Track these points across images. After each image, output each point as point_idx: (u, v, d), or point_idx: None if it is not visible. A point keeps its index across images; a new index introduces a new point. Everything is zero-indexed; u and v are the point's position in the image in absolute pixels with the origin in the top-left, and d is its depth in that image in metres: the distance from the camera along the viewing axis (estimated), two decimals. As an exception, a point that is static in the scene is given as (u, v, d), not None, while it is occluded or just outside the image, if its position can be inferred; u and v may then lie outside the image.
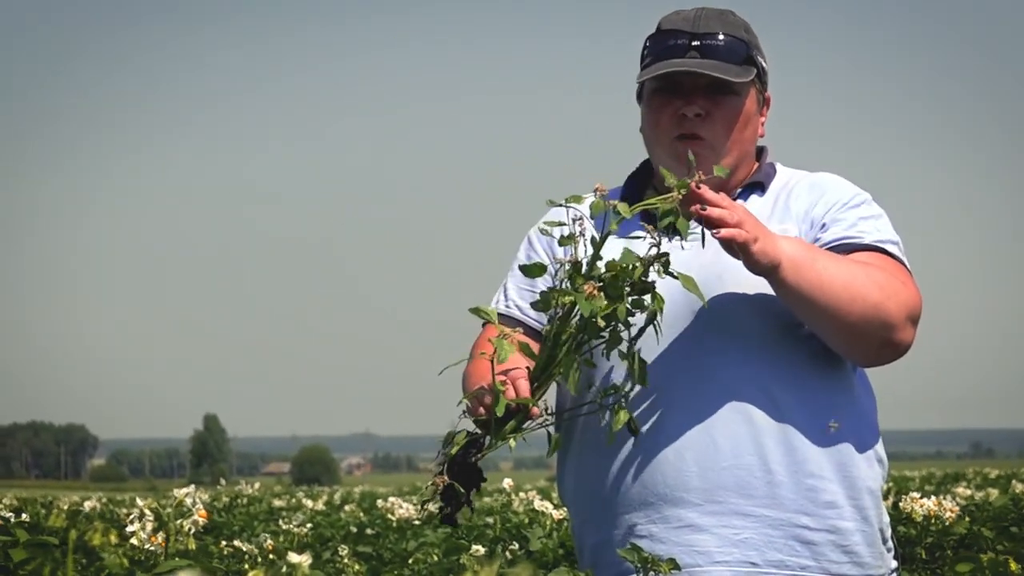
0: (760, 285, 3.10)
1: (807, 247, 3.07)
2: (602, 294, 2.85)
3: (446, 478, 2.97)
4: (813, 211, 3.25)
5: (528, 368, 2.98)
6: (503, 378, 2.92)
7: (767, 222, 3.23)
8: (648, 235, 2.86)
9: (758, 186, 3.33)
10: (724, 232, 2.88)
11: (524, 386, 2.94)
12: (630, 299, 2.88)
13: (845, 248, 3.17)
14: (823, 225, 3.23)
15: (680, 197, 2.87)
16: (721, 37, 3.24)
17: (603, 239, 2.88)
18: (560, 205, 2.94)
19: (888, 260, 3.18)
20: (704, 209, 2.86)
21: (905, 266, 3.21)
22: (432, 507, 3.05)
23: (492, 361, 2.89)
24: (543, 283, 3.19)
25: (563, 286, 2.91)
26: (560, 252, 2.94)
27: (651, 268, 2.87)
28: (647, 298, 2.89)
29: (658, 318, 2.90)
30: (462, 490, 2.97)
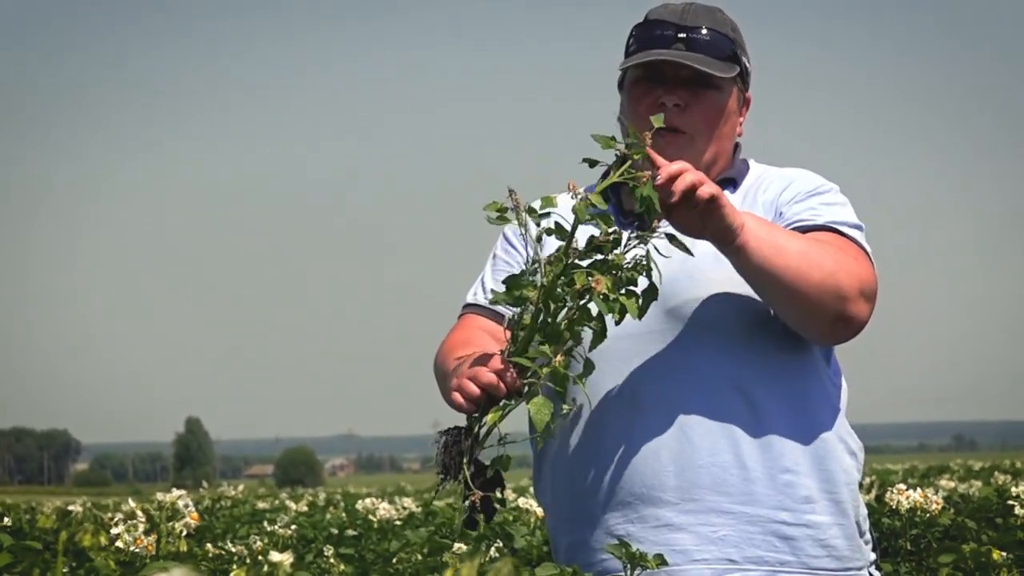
0: (729, 283, 3.11)
1: (762, 219, 3.08)
2: (606, 280, 2.82)
3: (479, 492, 2.93)
4: (778, 200, 3.26)
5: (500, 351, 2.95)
6: (492, 379, 2.90)
7: None
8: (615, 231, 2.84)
9: (730, 182, 3.34)
10: (700, 189, 2.84)
11: (511, 376, 2.90)
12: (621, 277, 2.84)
13: (800, 229, 3.17)
14: (782, 213, 3.23)
15: (645, 149, 2.82)
16: (707, 32, 3.25)
17: (574, 229, 2.84)
18: (538, 213, 2.91)
19: (841, 239, 3.17)
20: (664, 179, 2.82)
21: (861, 247, 3.19)
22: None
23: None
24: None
25: (540, 280, 2.86)
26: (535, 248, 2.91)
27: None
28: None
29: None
30: (497, 495, 2.95)
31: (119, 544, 3.33)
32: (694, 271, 3.15)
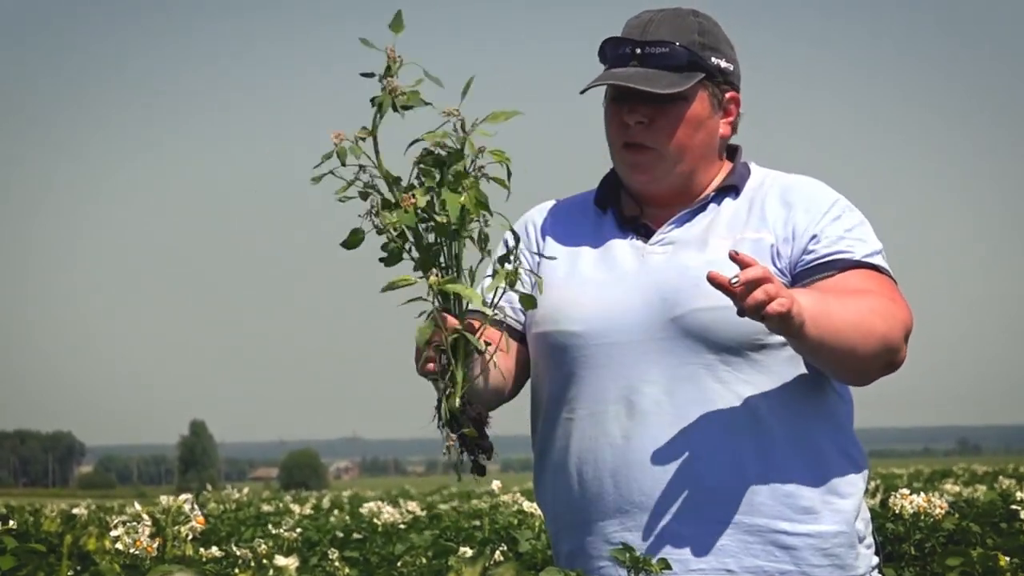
0: None
1: (814, 295, 3.04)
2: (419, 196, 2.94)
3: (454, 436, 2.97)
4: (793, 222, 3.22)
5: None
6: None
7: (743, 228, 3.22)
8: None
9: (732, 189, 3.29)
10: (769, 306, 2.83)
11: (451, 320, 3.03)
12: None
13: (835, 266, 3.15)
14: (813, 237, 3.18)
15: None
16: (665, 44, 3.19)
17: (375, 127, 3.05)
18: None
19: (878, 278, 3.17)
20: (744, 287, 2.84)
21: (891, 277, 3.21)
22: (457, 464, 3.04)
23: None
24: (522, 285, 3.17)
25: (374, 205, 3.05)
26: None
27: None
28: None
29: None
30: (477, 435, 3.00)
31: (119, 546, 3.32)
32: (699, 280, 3.13)
